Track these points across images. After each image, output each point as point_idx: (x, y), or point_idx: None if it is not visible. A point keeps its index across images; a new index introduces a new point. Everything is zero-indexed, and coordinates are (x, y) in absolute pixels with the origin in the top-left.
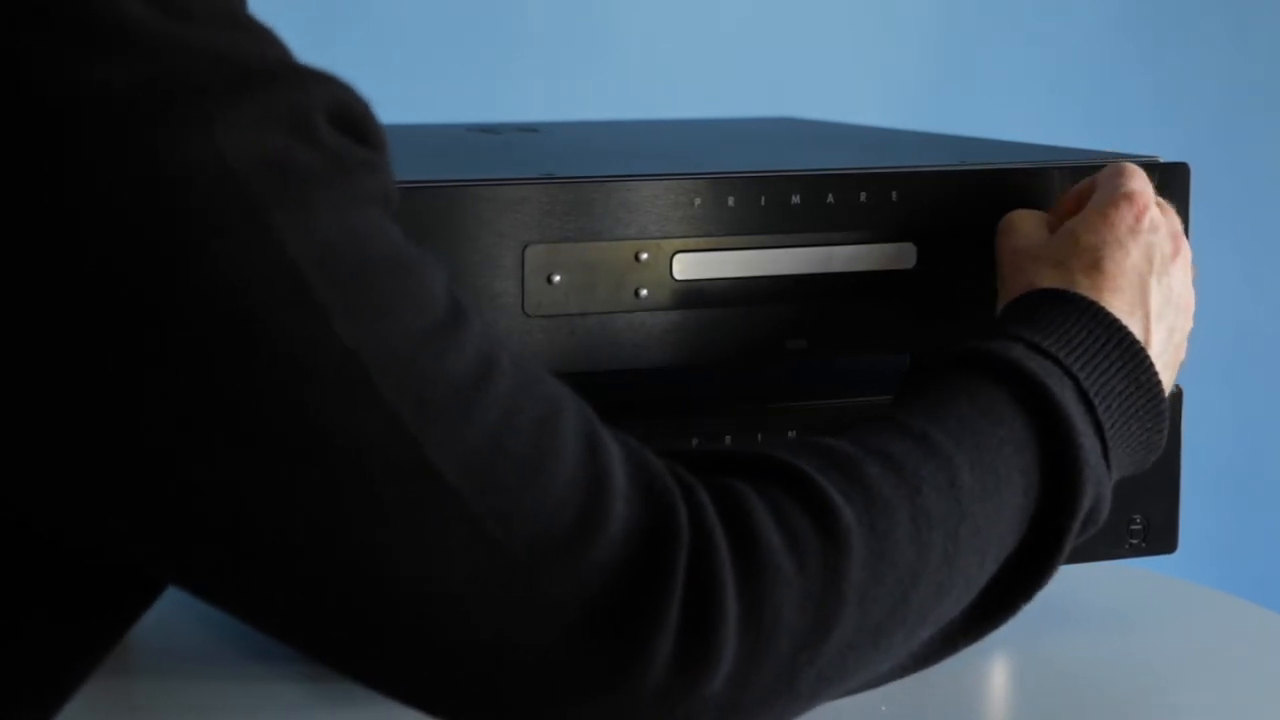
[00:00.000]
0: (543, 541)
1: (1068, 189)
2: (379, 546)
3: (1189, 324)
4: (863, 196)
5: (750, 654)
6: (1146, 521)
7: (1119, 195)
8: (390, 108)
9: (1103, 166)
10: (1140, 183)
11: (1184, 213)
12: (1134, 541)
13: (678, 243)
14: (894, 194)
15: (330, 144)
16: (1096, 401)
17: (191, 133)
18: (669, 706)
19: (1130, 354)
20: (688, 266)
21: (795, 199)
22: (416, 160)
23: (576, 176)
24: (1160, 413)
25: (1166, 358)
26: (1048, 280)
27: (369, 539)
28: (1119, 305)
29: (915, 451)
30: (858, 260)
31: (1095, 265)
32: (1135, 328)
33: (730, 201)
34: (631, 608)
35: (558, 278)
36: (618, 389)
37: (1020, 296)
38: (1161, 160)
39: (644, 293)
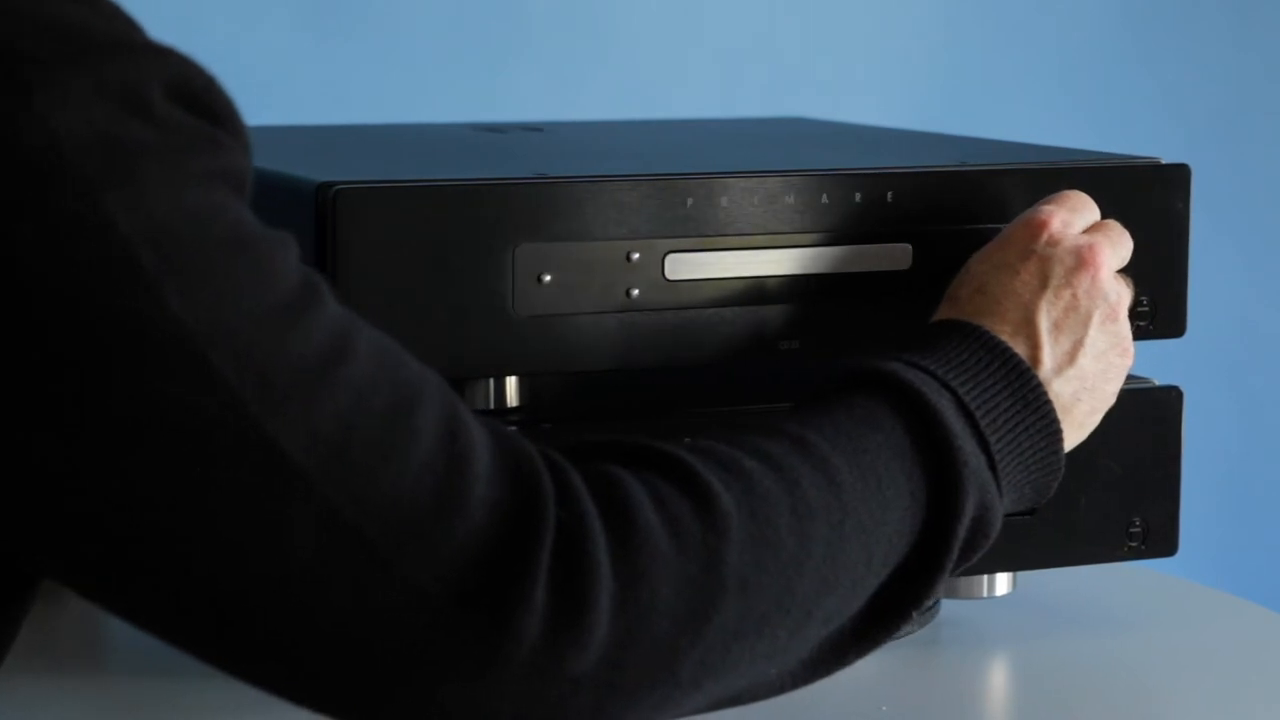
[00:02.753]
0: (398, 524)
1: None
2: (225, 530)
3: (1114, 326)
4: (857, 197)
5: (626, 635)
6: (1146, 524)
7: (1019, 220)
8: (399, 108)
9: (1102, 167)
10: (1054, 204)
11: (1185, 213)
12: (1133, 544)
13: (670, 243)
14: (889, 194)
15: (166, 118)
16: (979, 415)
17: (7, 101)
18: (539, 688)
19: (1014, 372)
20: (680, 267)
21: (789, 199)
22: (416, 160)
23: (567, 176)
24: (1053, 431)
25: (1070, 373)
26: (941, 314)
27: (214, 522)
28: (1002, 326)
29: (792, 451)
30: (852, 261)
31: (980, 290)
32: (1021, 347)
33: (723, 202)
34: (493, 589)
35: (548, 277)
36: (609, 390)
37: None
38: (1162, 160)
39: (635, 293)
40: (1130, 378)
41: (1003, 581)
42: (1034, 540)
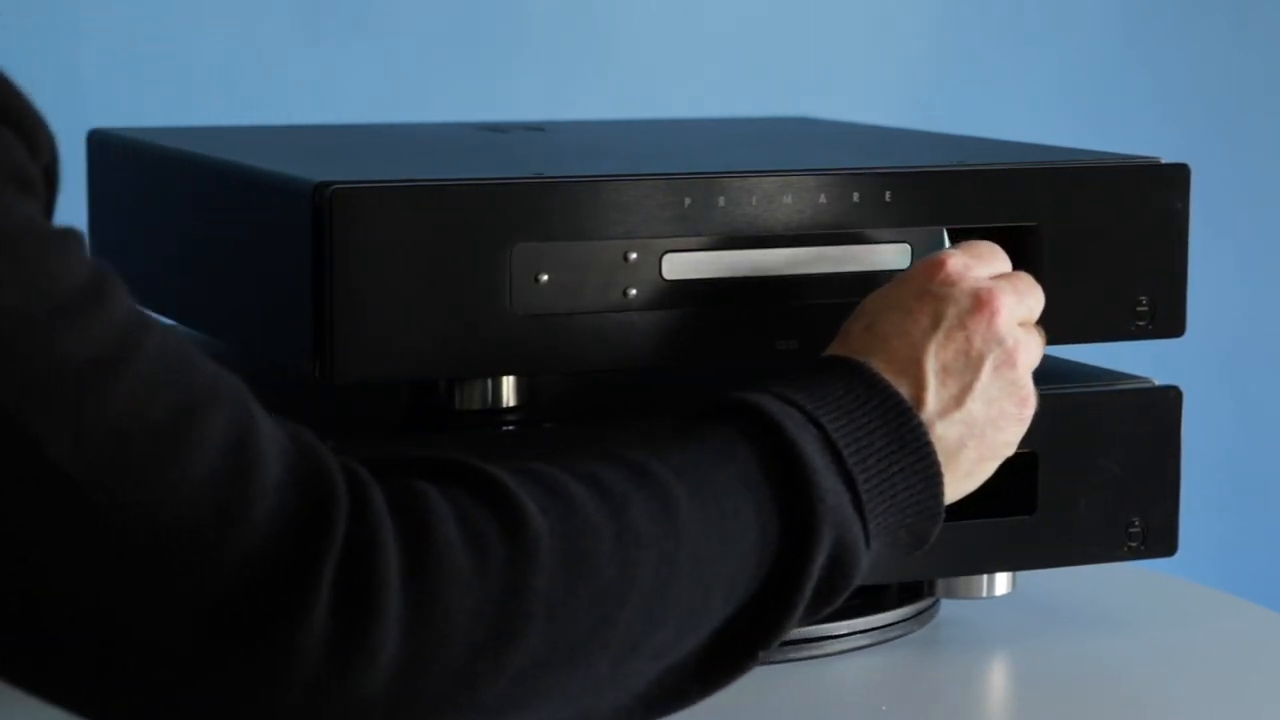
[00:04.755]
0: (174, 535)
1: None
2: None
3: (1010, 373)
4: (856, 197)
5: (417, 657)
6: (1145, 524)
7: (919, 262)
8: (399, 108)
9: (1101, 167)
10: (959, 248)
11: (1184, 212)
12: (1133, 544)
13: (667, 242)
14: (888, 194)
15: None
16: (847, 452)
17: None
18: (324, 708)
19: (893, 410)
20: (677, 266)
21: (787, 199)
22: (414, 159)
23: (565, 176)
24: (932, 474)
25: (956, 416)
26: (830, 350)
27: None
28: (888, 364)
29: (630, 479)
30: (851, 260)
31: (870, 327)
32: (905, 387)
33: (720, 201)
34: (273, 604)
35: (545, 277)
36: (606, 389)
37: None
38: (1161, 160)
39: (633, 292)
40: (1130, 378)
41: (1002, 581)
42: (1034, 540)
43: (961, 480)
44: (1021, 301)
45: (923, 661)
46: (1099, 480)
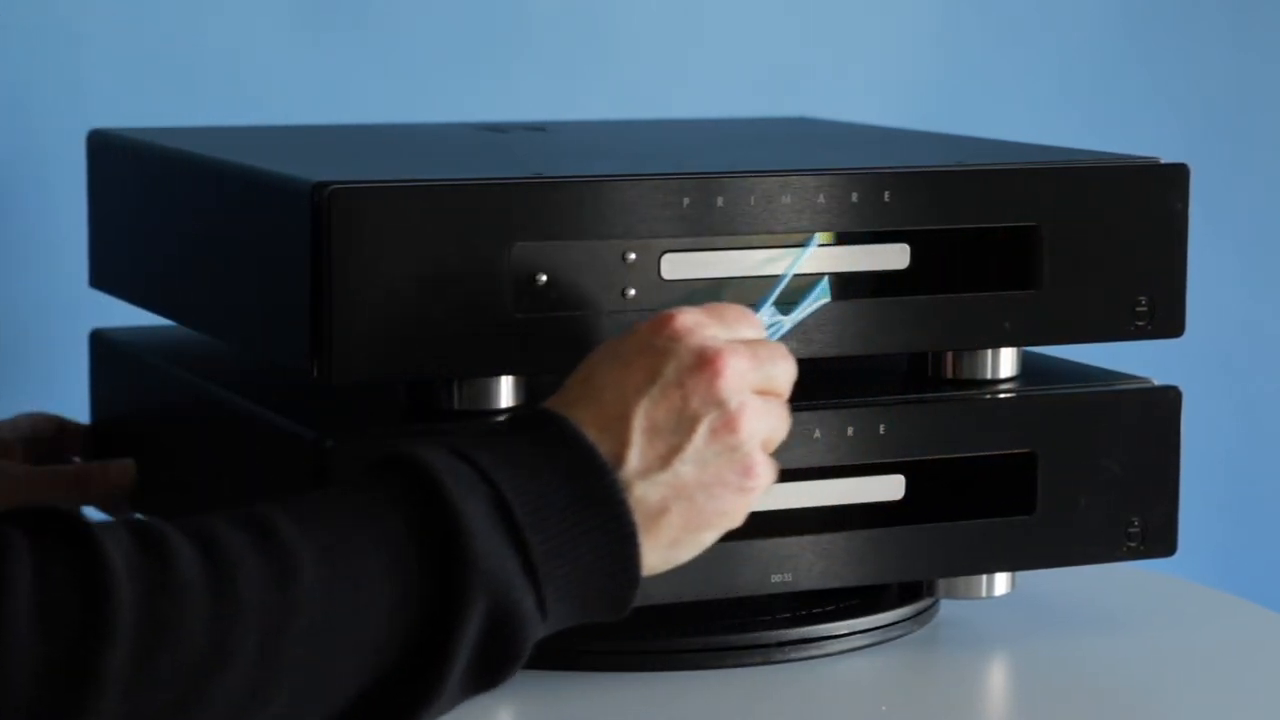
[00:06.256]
0: None
1: None
2: None
3: (731, 438)
4: (855, 196)
5: None
6: (1145, 524)
7: (651, 317)
8: (401, 108)
9: (1101, 167)
10: (698, 308)
11: (1184, 212)
12: (1132, 544)
13: (666, 242)
14: (887, 194)
15: None
16: (522, 512)
17: None
18: None
19: (585, 467)
20: (676, 266)
21: (786, 199)
22: (413, 159)
23: (564, 176)
24: (624, 535)
25: (661, 478)
26: (548, 401)
27: None
28: (594, 419)
29: (248, 543)
30: (850, 261)
31: (586, 379)
32: (607, 443)
33: (719, 201)
34: None
35: (544, 277)
36: None
37: None
38: (1161, 160)
39: (632, 293)
40: (1130, 378)
41: (1002, 581)
42: (1033, 540)
43: (667, 548)
44: (759, 368)
45: (923, 661)
46: (1098, 480)
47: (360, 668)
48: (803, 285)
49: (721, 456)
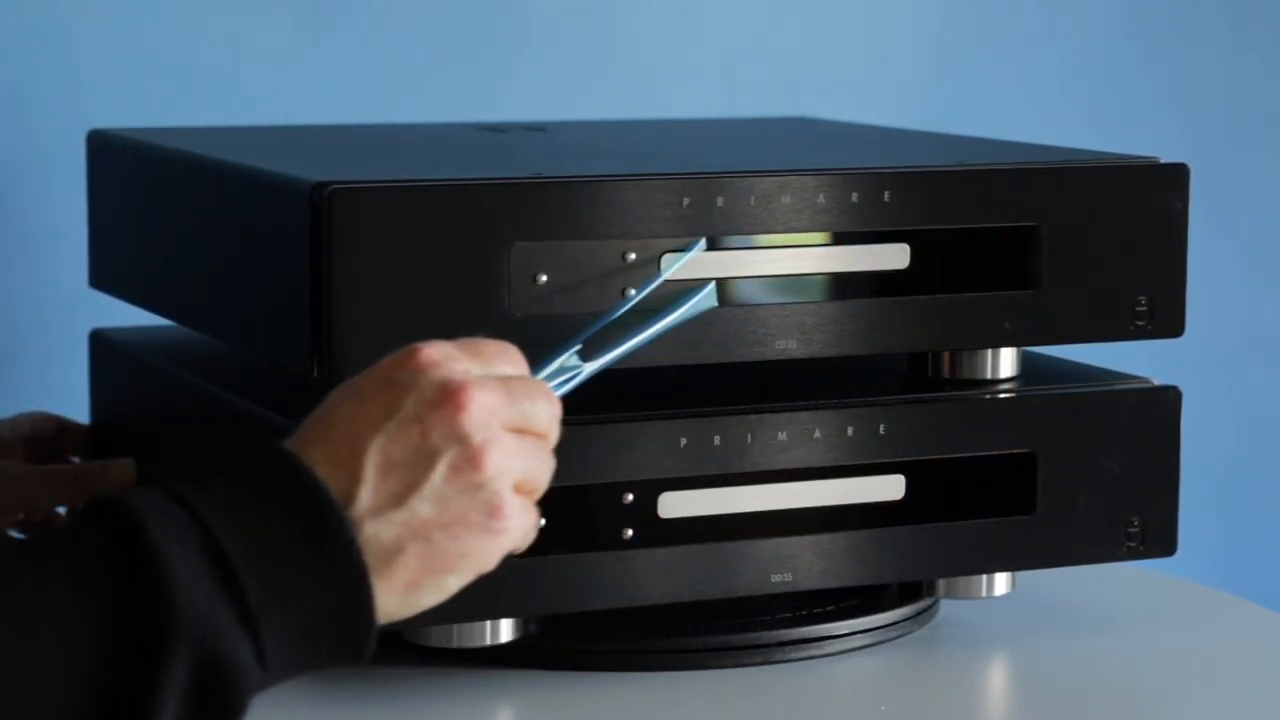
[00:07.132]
0: None
1: None
2: None
3: (474, 476)
4: (855, 196)
5: None
6: (1145, 524)
7: (395, 352)
8: (401, 108)
9: (1101, 167)
10: (450, 343)
11: (1183, 212)
12: (1132, 544)
13: (666, 243)
14: (886, 194)
15: None
16: (237, 556)
17: None
18: None
19: (309, 506)
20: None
21: (786, 199)
22: (413, 159)
23: (564, 176)
24: (354, 577)
25: (395, 516)
26: (288, 439)
27: None
28: (325, 456)
29: None
30: (850, 260)
31: (321, 417)
32: (338, 480)
33: (719, 201)
34: None
35: (544, 277)
36: (604, 389)
37: None
38: (1161, 160)
39: (631, 293)
40: (1130, 378)
41: (1002, 581)
42: (1033, 540)
43: (405, 591)
44: (512, 404)
45: (923, 661)
46: (1098, 480)
47: None
48: (687, 289)
49: (464, 495)
